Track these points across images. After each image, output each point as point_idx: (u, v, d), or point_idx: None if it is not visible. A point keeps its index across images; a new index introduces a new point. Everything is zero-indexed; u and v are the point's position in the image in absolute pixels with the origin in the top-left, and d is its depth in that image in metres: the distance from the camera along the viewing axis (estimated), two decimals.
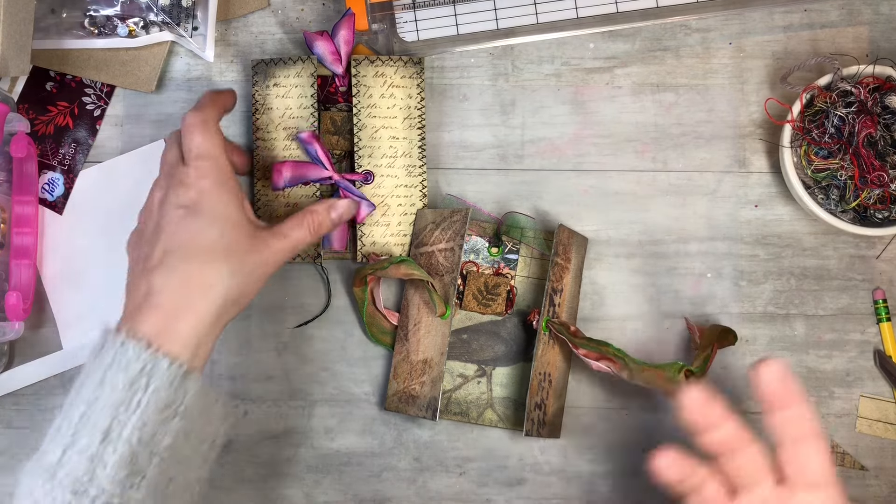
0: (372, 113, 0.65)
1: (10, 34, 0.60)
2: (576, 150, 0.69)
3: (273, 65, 0.65)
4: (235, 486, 0.66)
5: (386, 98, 0.65)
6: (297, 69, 0.64)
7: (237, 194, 0.56)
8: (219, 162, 0.56)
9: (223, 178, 0.56)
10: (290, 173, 0.63)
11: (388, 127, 0.65)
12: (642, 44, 0.69)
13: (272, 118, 0.65)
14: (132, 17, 0.67)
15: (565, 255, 0.64)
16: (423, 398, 0.62)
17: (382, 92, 0.65)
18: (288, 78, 0.64)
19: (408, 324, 0.65)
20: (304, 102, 0.64)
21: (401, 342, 0.65)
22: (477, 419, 0.65)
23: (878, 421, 0.66)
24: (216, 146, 0.56)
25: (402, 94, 0.65)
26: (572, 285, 0.65)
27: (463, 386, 0.66)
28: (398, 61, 0.65)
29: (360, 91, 0.65)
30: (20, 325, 0.65)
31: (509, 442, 0.66)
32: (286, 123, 0.64)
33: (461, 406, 0.66)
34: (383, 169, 0.65)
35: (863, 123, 0.61)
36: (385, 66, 0.65)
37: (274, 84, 0.65)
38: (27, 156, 0.66)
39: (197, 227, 0.54)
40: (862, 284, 0.67)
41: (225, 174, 0.56)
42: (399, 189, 0.65)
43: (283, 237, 0.57)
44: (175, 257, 0.53)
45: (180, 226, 0.54)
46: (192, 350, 0.51)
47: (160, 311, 0.52)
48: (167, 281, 0.52)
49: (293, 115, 0.64)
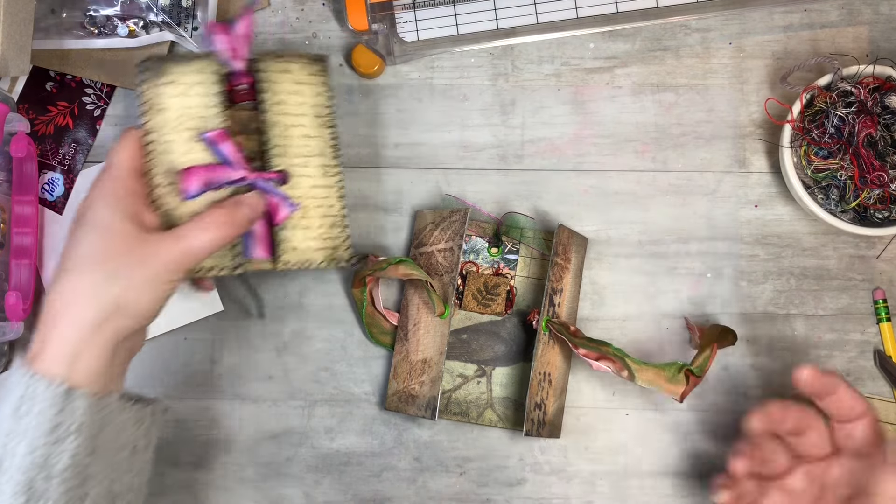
0: (281, 110, 0.60)
1: (10, 34, 0.60)
2: (576, 150, 0.69)
3: (167, 61, 0.58)
4: (235, 486, 0.66)
5: (294, 95, 0.61)
6: (198, 66, 0.58)
7: (127, 201, 0.54)
8: (118, 170, 0.55)
9: (114, 186, 0.54)
10: (202, 178, 0.56)
11: (298, 125, 0.61)
12: (642, 44, 0.69)
13: (167, 119, 0.57)
14: (132, 17, 0.67)
15: (565, 256, 0.64)
16: (422, 398, 0.62)
17: (290, 89, 0.61)
18: (186, 75, 0.58)
19: (407, 324, 0.65)
20: (209, 101, 0.58)
21: (400, 342, 0.65)
22: (477, 419, 0.65)
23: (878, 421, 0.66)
24: (121, 159, 0.56)
25: (309, 92, 0.61)
26: (572, 285, 0.65)
27: (463, 386, 0.66)
28: (301, 58, 0.62)
29: (266, 87, 0.60)
30: (20, 325, 0.65)
31: (509, 442, 0.66)
32: (186, 124, 0.58)
33: (461, 406, 0.66)
34: (298, 168, 0.60)
35: (863, 123, 0.61)
36: (289, 62, 0.61)
37: (170, 82, 0.58)
38: (27, 156, 0.66)
39: (78, 237, 0.53)
40: (862, 284, 0.67)
41: (118, 182, 0.55)
42: (315, 190, 0.61)
43: (178, 239, 0.53)
44: (59, 271, 0.52)
45: (69, 238, 0.54)
46: (68, 364, 0.49)
47: (41, 328, 0.51)
48: (49, 297, 0.51)
49: (195, 115, 0.58)
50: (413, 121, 0.69)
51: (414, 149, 0.69)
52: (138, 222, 0.54)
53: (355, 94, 0.69)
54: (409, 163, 0.69)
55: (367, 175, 0.69)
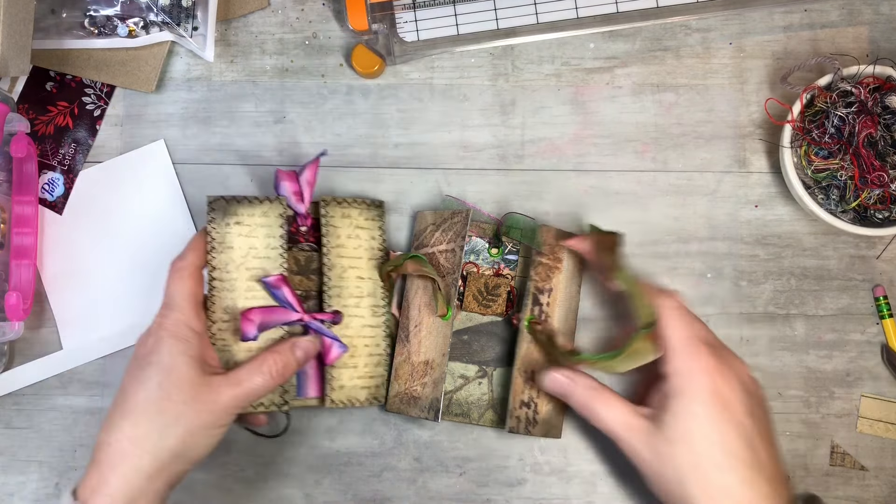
0: (340, 253, 0.64)
1: (10, 34, 0.60)
2: (576, 150, 0.69)
3: (235, 203, 0.61)
4: (235, 486, 0.66)
5: (352, 238, 0.64)
6: (264, 208, 0.61)
7: (192, 343, 0.55)
8: (181, 312, 0.56)
9: (179, 328, 0.55)
10: (260, 320, 0.58)
11: (354, 267, 0.64)
12: (642, 44, 0.69)
13: (232, 258, 0.60)
14: (132, 17, 0.67)
15: (553, 255, 0.64)
16: (424, 399, 0.62)
17: (349, 232, 0.64)
18: (253, 217, 0.61)
19: (409, 325, 0.65)
20: (272, 243, 0.61)
21: (402, 343, 0.65)
22: (478, 420, 0.65)
23: (879, 421, 0.66)
24: (183, 296, 0.56)
25: (366, 236, 0.65)
26: (568, 286, 0.65)
27: (464, 387, 0.66)
28: (361, 204, 0.65)
29: (328, 231, 0.63)
30: (20, 325, 0.65)
31: (509, 442, 0.66)
32: (249, 264, 0.60)
33: (462, 407, 0.66)
34: (350, 309, 0.63)
35: (863, 123, 0.61)
36: (350, 207, 0.65)
37: (236, 222, 0.60)
38: (27, 156, 0.66)
39: (140, 379, 0.54)
40: (862, 284, 0.67)
41: (182, 325, 0.55)
42: (365, 329, 0.64)
43: (237, 384, 0.55)
44: (117, 411, 0.53)
45: (129, 376, 0.55)
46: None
47: (98, 467, 0.52)
48: (107, 436, 0.53)
49: (258, 255, 0.61)
50: (413, 121, 0.69)
51: (414, 149, 0.69)
52: (201, 364, 0.55)
53: (355, 94, 0.69)
54: (409, 163, 0.69)
55: (367, 175, 0.69)
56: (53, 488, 0.66)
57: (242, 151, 0.69)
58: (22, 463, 0.66)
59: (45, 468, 0.66)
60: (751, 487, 0.52)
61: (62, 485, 0.66)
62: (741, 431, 0.53)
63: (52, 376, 0.67)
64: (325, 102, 0.69)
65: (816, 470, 0.66)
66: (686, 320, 0.57)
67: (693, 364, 0.54)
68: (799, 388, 0.66)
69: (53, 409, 0.67)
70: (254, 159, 0.69)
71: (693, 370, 0.53)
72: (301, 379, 0.63)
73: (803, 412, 0.66)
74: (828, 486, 0.65)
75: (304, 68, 0.70)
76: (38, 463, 0.66)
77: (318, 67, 0.70)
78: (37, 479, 0.66)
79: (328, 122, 0.69)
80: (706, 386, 0.53)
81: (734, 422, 0.53)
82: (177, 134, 0.69)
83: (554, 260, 0.64)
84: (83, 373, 0.67)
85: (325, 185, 0.68)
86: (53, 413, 0.67)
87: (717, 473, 0.52)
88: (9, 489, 0.66)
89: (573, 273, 0.66)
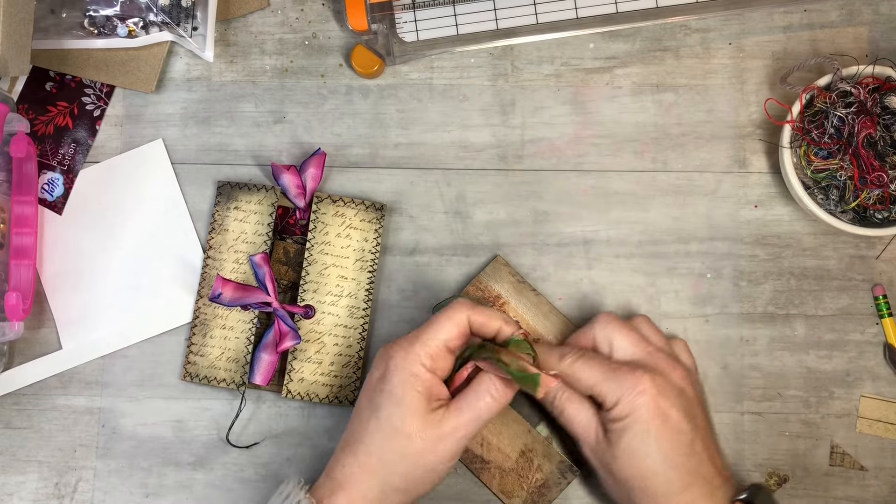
0: (325, 250, 0.65)
1: (10, 34, 0.60)
2: (576, 150, 0.69)
3: (238, 189, 0.66)
4: (235, 486, 0.66)
5: (342, 238, 0.65)
6: (260, 196, 0.66)
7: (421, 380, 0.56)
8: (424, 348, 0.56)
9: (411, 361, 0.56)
10: (232, 292, 0.64)
11: (338, 266, 0.65)
12: (642, 44, 0.69)
13: (226, 239, 0.66)
14: (132, 17, 0.67)
15: (487, 291, 0.65)
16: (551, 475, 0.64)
17: (339, 231, 0.65)
18: (249, 204, 0.66)
19: (474, 449, 0.64)
20: (260, 229, 0.66)
21: (487, 472, 0.64)
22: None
23: (879, 421, 0.66)
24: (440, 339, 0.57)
25: (358, 237, 0.66)
26: (520, 300, 0.65)
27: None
28: (360, 204, 0.66)
29: (316, 227, 0.65)
30: (20, 325, 0.65)
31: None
32: (237, 247, 0.66)
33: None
34: (326, 306, 0.65)
35: (862, 124, 0.61)
36: (346, 207, 0.66)
37: (235, 207, 0.66)
38: (27, 156, 0.66)
39: (373, 406, 0.57)
40: (862, 285, 0.67)
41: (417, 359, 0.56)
42: (338, 328, 0.65)
43: (458, 412, 0.56)
44: (354, 434, 0.57)
45: (365, 396, 0.58)
46: None
47: (330, 482, 0.56)
48: (343, 455, 0.57)
49: (247, 240, 0.66)
50: (413, 121, 0.69)
51: (414, 149, 0.69)
52: (428, 398, 0.56)
53: (355, 94, 0.69)
54: (409, 163, 0.69)
55: (367, 175, 0.69)
56: (53, 488, 0.66)
57: (242, 151, 0.69)
58: (21, 463, 0.66)
59: (45, 468, 0.66)
60: (689, 491, 0.56)
61: (62, 485, 0.66)
62: (681, 440, 0.57)
63: (52, 376, 0.67)
64: (324, 102, 0.69)
65: (816, 470, 0.66)
66: (627, 340, 0.60)
67: (632, 388, 0.57)
68: (798, 388, 0.66)
69: (53, 409, 0.67)
70: (253, 159, 0.69)
71: (632, 394, 0.57)
72: (255, 364, 0.64)
73: (803, 412, 0.66)
74: (827, 486, 0.65)
75: (304, 68, 0.70)
76: (38, 463, 0.66)
77: (318, 67, 0.70)
78: (36, 478, 0.66)
79: (328, 122, 0.69)
80: (645, 405, 0.56)
81: (674, 432, 0.56)
82: (176, 134, 0.69)
83: (493, 297, 0.65)
84: (83, 373, 0.67)
85: (324, 184, 0.68)
86: (53, 413, 0.67)
87: (660, 484, 0.56)
88: (8, 489, 0.66)
89: (516, 289, 0.65)
